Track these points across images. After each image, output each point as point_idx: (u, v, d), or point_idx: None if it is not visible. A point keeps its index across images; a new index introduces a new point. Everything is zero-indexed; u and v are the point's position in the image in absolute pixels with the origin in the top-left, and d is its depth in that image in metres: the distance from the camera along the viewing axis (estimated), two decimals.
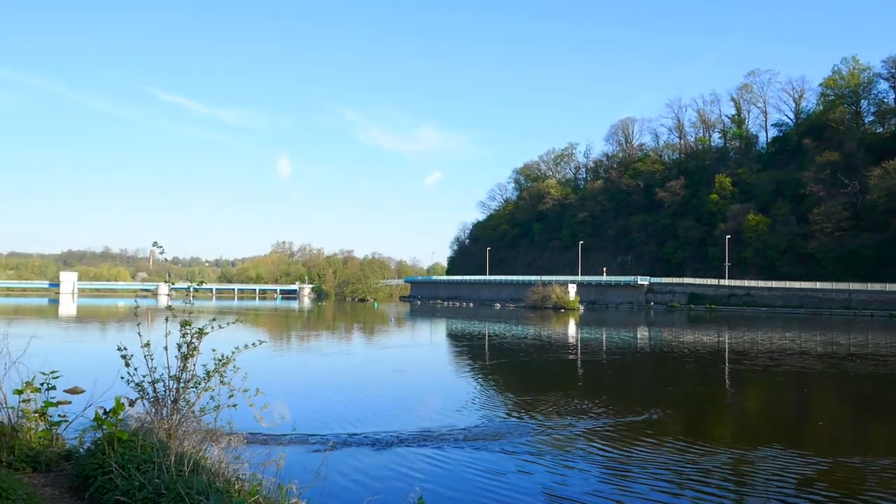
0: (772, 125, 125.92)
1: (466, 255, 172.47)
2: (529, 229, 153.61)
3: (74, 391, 14.30)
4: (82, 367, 17.37)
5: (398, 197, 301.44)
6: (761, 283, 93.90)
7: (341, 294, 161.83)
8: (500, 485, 9.25)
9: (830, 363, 26.61)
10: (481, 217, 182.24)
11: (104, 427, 6.99)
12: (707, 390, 19.87)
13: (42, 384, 7.86)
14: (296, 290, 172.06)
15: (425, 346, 35.69)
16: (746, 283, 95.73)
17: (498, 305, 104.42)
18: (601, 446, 11.58)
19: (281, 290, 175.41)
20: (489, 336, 40.48)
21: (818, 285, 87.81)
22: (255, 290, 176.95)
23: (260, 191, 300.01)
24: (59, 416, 8.12)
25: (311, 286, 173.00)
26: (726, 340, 38.31)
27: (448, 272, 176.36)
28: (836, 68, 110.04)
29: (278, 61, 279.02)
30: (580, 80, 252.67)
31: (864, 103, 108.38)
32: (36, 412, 7.67)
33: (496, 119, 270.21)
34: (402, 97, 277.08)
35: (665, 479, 9.61)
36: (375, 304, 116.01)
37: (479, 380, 21.10)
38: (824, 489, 9.22)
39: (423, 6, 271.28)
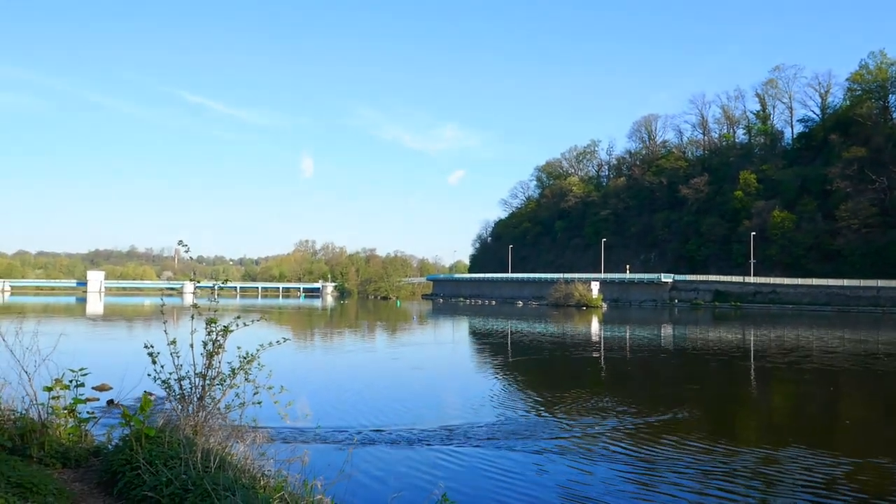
0: (797, 121, 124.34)
1: (489, 253, 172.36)
2: (552, 227, 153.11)
3: (102, 388, 14.53)
4: (110, 364, 17.62)
5: (420, 195, 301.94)
6: (787, 281, 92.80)
7: (364, 292, 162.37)
8: (521, 483, 9.24)
9: (858, 361, 26.24)
10: (503, 215, 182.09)
11: (132, 423, 7.09)
12: (732, 389, 19.69)
13: (71, 381, 7.99)
14: (319, 289, 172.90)
15: (448, 344, 35.73)
16: (772, 280, 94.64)
17: (520, 303, 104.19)
18: (624, 446, 11.52)
19: (304, 288, 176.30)
20: (511, 334, 40.41)
21: (845, 282, 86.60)
22: (278, 288, 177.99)
23: (283, 190, 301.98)
24: (87, 412, 8.25)
25: (333, 284, 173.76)
26: (751, 338, 37.92)
27: (470, 270, 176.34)
28: (863, 62, 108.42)
29: (299, 61, 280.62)
30: (602, 76, 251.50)
31: (891, 98, 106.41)
32: (65, 409, 7.79)
33: (518, 117, 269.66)
34: (424, 96, 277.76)
35: (689, 480, 9.55)
36: (398, 303, 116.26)
37: (501, 377, 21.09)
38: (852, 490, 9.10)
39: (442, 5, 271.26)
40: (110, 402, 13.64)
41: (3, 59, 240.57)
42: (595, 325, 50.52)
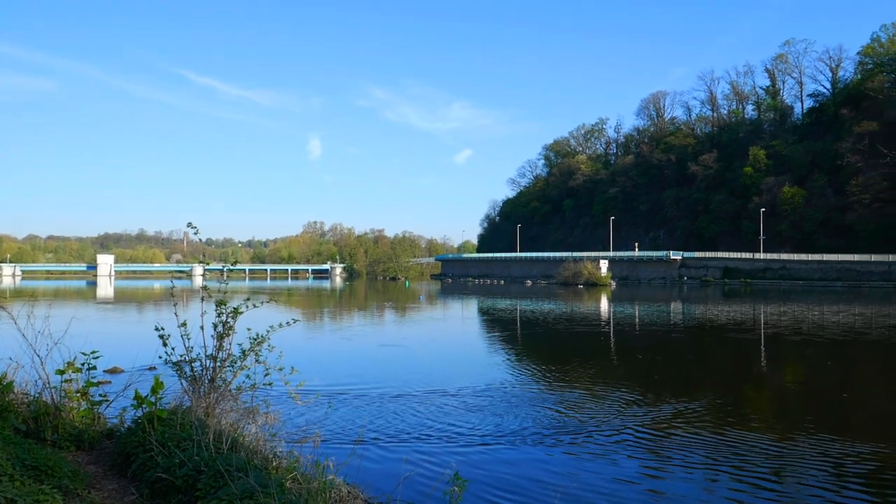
0: (808, 96, 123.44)
1: (497, 232, 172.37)
2: (560, 206, 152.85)
3: (114, 371, 14.60)
4: (121, 347, 17.71)
5: (428, 175, 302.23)
6: (797, 257, 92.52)
7: (372, 273, 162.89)
8: (537, 474, 9.22)
9: (867, 337, 26.11)
10: (511, 194, 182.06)
11: (144, 406, 7.12)
12: (744, 369, 19.63)
13: (83, 364, 8.02)
14: (327, 270, 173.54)
15: (456, 320, 35.79)
16: (782, 256, 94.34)
17: (529, 282, 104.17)
18: (632, 432, 11.48)
19: (313, 269, 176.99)
20: (520, 312, 40.42)
21: (856, 257, 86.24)
22: (287, 270, 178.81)
23: (291, 171, 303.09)
24: (100, 395, 8.29)
25: (342, 266, 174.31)
26: (761, 315, 37.80)
27: (478, 250, 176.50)
28: (874, 36, 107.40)
29: (308, 42, 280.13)
30: (611, 54, 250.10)
31: None
32: (78, 392, 7.84)
33: (526, 96, 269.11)
34: (432, 75, 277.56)
35: (700, 468, 9.51)
36: (407, 283, 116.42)
37: (512, 361, 21.10)
38: (866, 474, 9.04)
39: None
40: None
41: (7, 39, 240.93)
42: (604, 303, 50.48)
